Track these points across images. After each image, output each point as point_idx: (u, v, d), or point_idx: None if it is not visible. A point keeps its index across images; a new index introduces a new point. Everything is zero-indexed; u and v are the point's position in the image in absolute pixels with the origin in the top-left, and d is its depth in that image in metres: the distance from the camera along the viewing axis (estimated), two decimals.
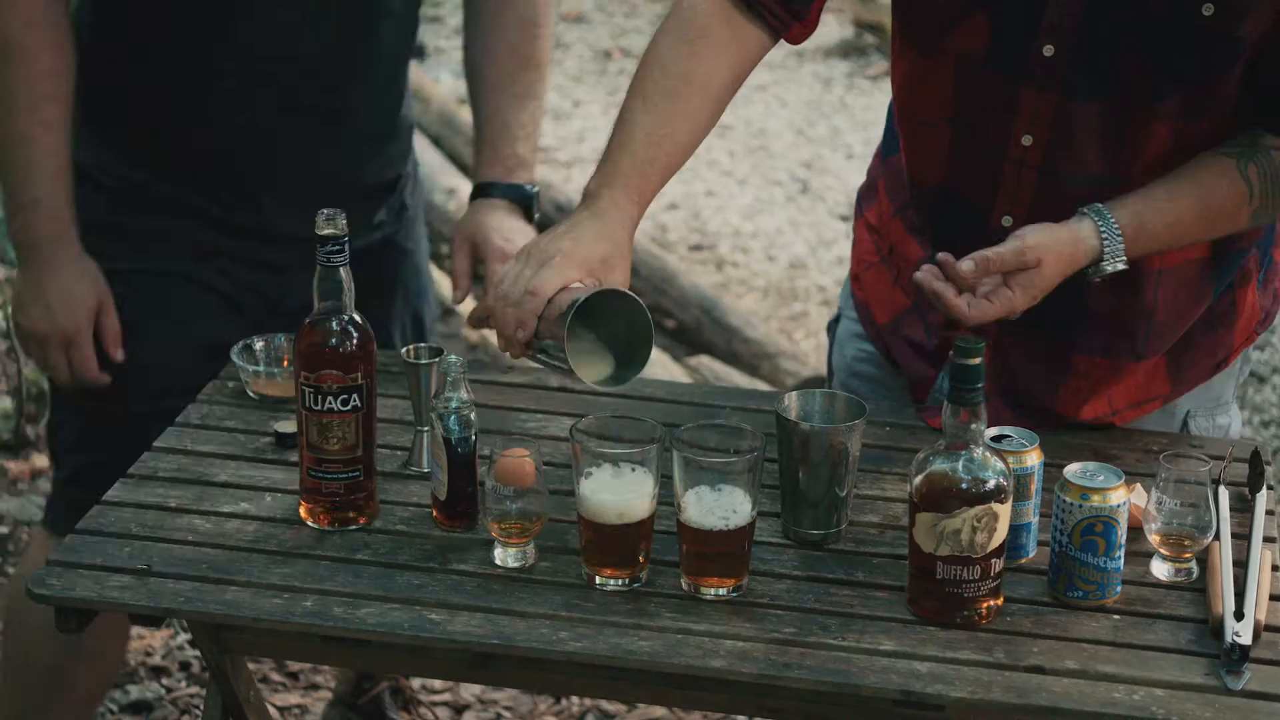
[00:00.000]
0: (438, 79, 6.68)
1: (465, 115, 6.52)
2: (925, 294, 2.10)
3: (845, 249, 5.55)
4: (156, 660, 3.26)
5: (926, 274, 2.09)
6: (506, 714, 3.17)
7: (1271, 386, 4.73)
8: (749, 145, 6.40)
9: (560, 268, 2.04)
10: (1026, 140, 2.15)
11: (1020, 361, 2.27)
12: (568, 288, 2.03)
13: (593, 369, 2.04)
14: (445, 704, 3.18)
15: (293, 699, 3.17)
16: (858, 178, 6.11)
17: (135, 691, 3.16)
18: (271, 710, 3.11)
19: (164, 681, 3.22)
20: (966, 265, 2.06)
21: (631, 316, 2.03)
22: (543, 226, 5.82)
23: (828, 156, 6.37)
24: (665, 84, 2.16)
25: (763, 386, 4.48)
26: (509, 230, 2.44)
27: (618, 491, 1.97)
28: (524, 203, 2.50)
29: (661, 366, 4.41)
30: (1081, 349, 2.24)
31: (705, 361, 4.62)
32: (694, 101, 2.17)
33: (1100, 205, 2.10)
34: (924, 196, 2.30)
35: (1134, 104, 2.09)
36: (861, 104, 6.92)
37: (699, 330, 4.84)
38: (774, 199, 5.98)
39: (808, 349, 4.85)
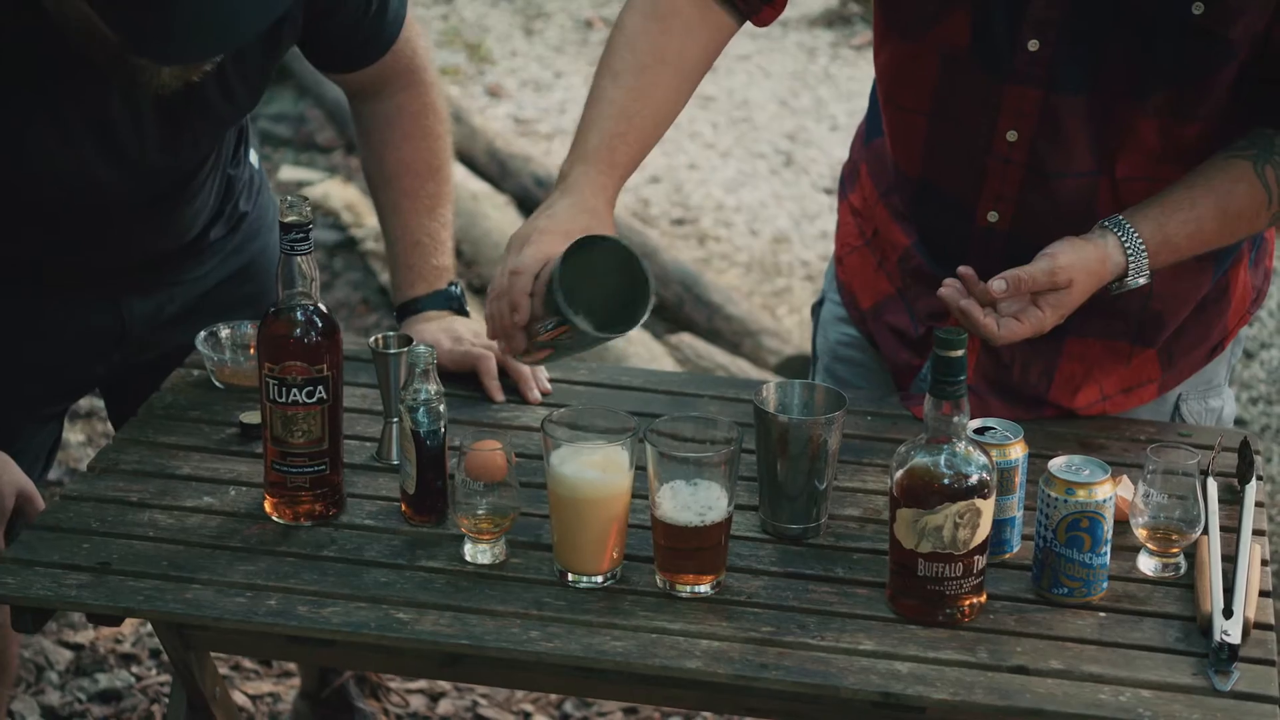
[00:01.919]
0: None
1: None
2: (951, 310, 2.06)
3: (829, 223, 5.49)
4: (126, 648, 3.20)
5: (951, 290, 2.05)
6: (483, 701, 3.13)
7: (1260, 362, 4.68)
8: (732, 117, 6.33)
9: (539, 243, 1.97)
10: (1011, 136, 2.10)
11: (1011, 348, 2.22)
12: (552, 259, 1.96)
13: (597, 320, 1.95)
14: (420, 691, 3.13)
15: (265, 687, 3.11)
16: (842, 150, 6.09)
17: (104, 680, 3.11)
18: (244, 699, 3.07)
19: (134, 669, 3.16)
20: (998, 285, 2.01)
21: (624, 265, 1.95)
22: (520, 199, 5.73)
23: (812, 128, 6.31)
24: (635, 60, 2.11)
25: (744, 364, 4.42)
26: (449, 328, 2.37)
27: (592, 468, 1.92)
28: (452, 305, 2.43)
29: (642, 344, 4.36)
30: (1075, 331, 2.19)
31: (686, 339, 4.56)
32: (665, 77, 2.12)
33: (1120, 218, 2.05)
34: (906, 184, 2.25)
35: (1120, 98, 2.05)
36: (846, 74, 6.85)
37: (680, 307, 4.79)
38: (757, 172, 5.91)
39: (790, 325, 4.79)
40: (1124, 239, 2.04)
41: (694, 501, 1.90)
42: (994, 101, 2.09)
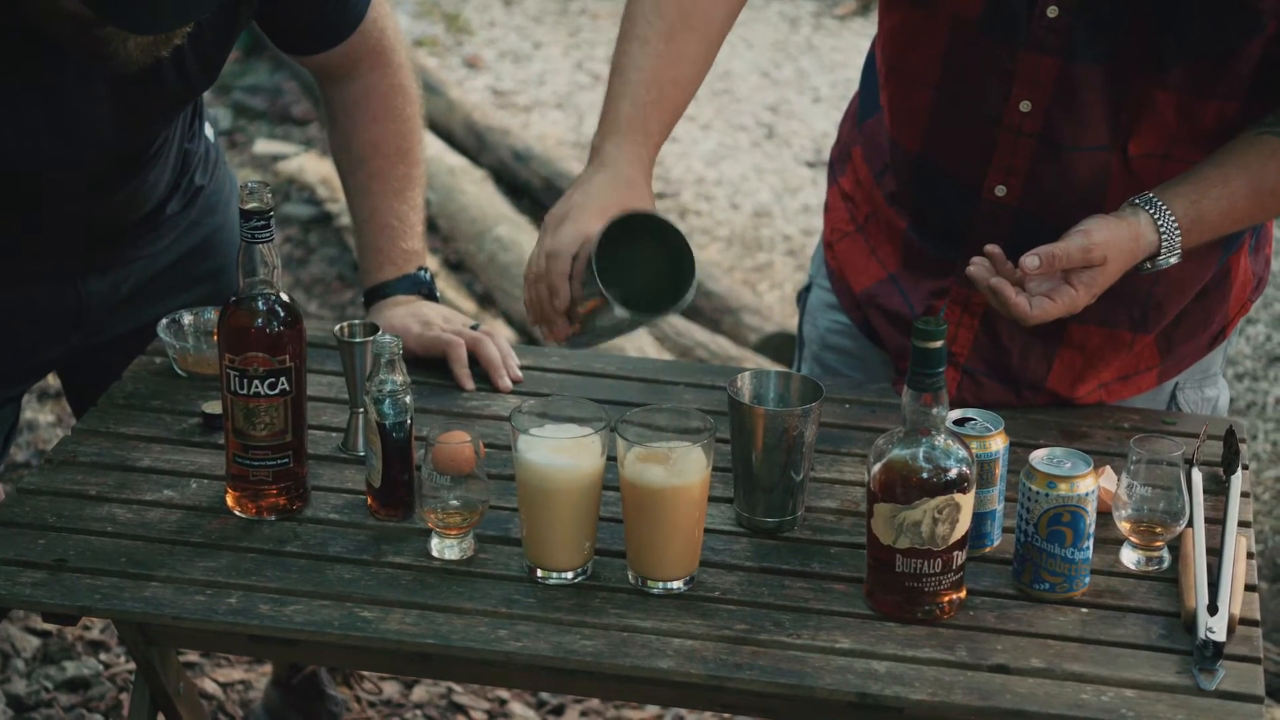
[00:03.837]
0: None
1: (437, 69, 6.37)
2: (980, 288, 2.02)
3: (811, 196, 5.44)
4: (94, 634, 3.15)
5: (979, 268, 2.01)
6: (457, 689, 3.08)
7: (1246, 338, 4.64)
8: (713, 89, 6.27)
9: (577, 220, 1.91)
10: (1025, 106, 2.04)
11: (1011, 330, 2.17)
12: (590, 238, 1.90)
13: (640, 300, 1.88)
14: (394, 678, 3.08)
15: (236, 675, 3.07)
16: (824, 122, 6.03)
17: (71, 668, 3.05)
18: (214, 686, 3.02)
19: (102, 657, 3.11)
20: (1030, 261, 1.96)
21: (664, 239, 1.89)
22: (498, 173, 5.66)
23: (794, 100, 6.25)
24: (663, 25, 2.04)
25: (724, 342, 4.37)
26: (418, 313, 2.32)
27: (561, 454, 1.87)
28: (421, 290, 2.37)
29: None
30: (1076, 318, 2.14)
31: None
32: (693, 42, 2.06)
33: (1152, 195, 2.01)
34: (905, 160, 2.18)
35: (1139, 69, 1.99)
36: (829, 45, 6.79)
37: None
38: (738, 144, 5.86)
39: (772, 302, 4.74)
40: (1157, 217, 1.99)
41: (669, 461, 1.84)
42: (1008, 70, 2.03)
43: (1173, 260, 2.02)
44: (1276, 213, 2.09)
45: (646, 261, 1.90)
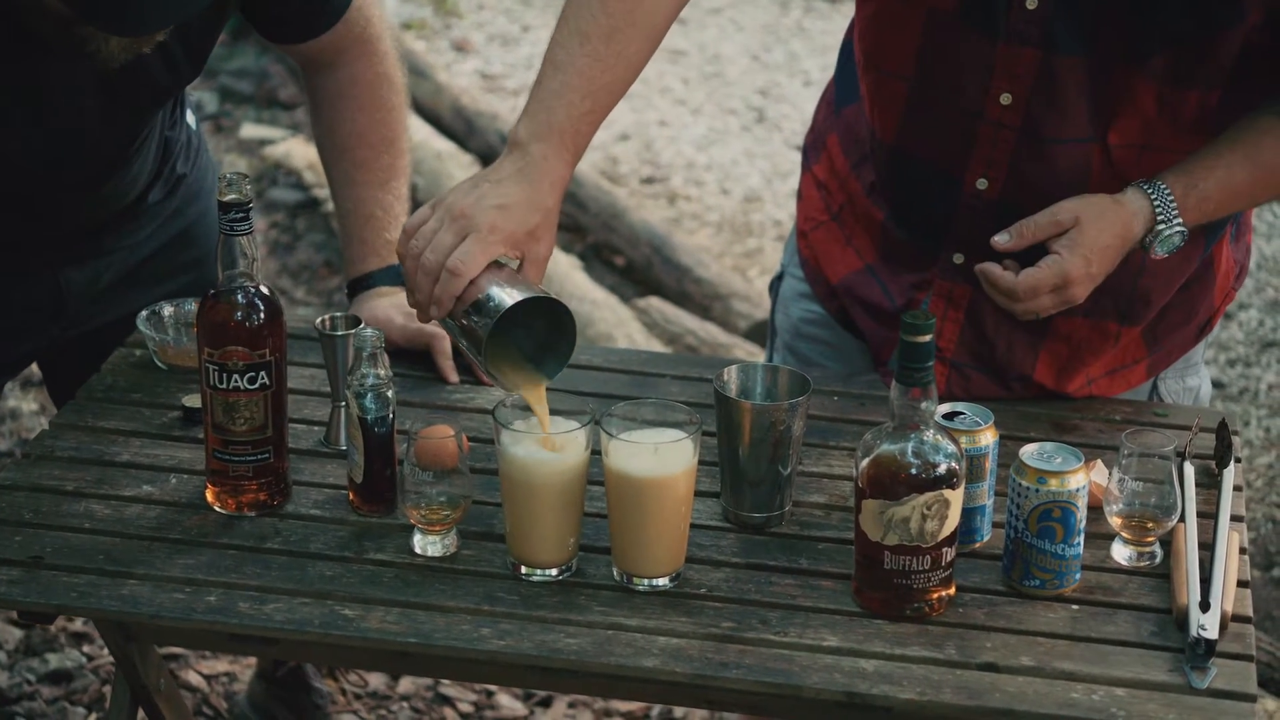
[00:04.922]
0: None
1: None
2: (979, 277, 2.05)
3: None
4: (78, 626, 3.12)
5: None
6: (444, 680, 3.06)
7: (1238, 324, 4.62)
8: (703, 72, 6.23)
9: (487, 243, 1.87)
10: (1005, 99, 2.02)
11: (996, 323, 2.15)
12: (491, 265, 1.88)
13: (504, 368, 1.89)
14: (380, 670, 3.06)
15: (220, 666, 3.04)
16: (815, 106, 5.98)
17: (54, 660, 3.02)
18: (198, 679, 3.00)
19: (85, 649, 3.08)
20: (1001, 238, 2.02)
21: (555, 312, 1.89)
22: (486, 158, 5.64)
23: (785, 84, 6.22)
24: (607, 23, 2.00)
25: (714, 329, 4.35)
26: (402, 304, 2.29)
27: (544, 448, 1.85)
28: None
29: (609, 309, 4.27)
30: (1063, 310, 2.11)
31: (655, 303, 4.47)
32: (635, 44, 2.02)
33: (1139, 180, 2.03)
34: (884, 152, 2.16)
35: (1119, 59, 1.97)
36: (819, 28, 6.76)
37: (649, 269, 4.71)
38: (729, 128, 5.83)
39: (762, 288, 4.71)
40: (1145, 186, 2.01)
41: (654, 453, 1.82)
42: (987, 63, 2.01)
43: (1176, 228, 2.00)
44: None
45: (531, 329, 1.90)
